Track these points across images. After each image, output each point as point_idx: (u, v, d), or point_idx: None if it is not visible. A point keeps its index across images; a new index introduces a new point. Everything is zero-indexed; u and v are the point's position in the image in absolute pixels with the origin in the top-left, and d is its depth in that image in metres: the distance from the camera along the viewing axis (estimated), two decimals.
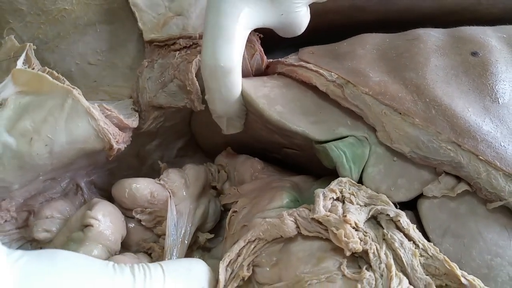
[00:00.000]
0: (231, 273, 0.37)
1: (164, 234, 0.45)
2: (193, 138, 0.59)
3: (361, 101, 0.40)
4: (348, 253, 0.34)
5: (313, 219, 0.36)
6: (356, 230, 0.35)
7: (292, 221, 0.37)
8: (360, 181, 0.40)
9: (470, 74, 0.42)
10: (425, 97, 0.39)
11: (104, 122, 0.41)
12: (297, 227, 0.37)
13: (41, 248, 0.46)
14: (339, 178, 0.39)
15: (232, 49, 0.41)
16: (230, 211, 0.45)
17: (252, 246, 0.38)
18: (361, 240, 0.34)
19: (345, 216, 0.35)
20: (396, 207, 0.38)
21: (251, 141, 0.52)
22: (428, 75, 0.41)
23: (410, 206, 0.41)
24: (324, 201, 0.37)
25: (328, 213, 0.35)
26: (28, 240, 0.47)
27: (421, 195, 0.40)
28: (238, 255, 0.37)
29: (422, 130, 0.38)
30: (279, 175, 0.49)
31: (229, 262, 0.37)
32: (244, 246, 0.37)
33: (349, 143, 0.40)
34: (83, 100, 0.41)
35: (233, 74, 0.42)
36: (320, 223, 0.36)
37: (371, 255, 0.34)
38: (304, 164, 0.50)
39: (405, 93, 0.40)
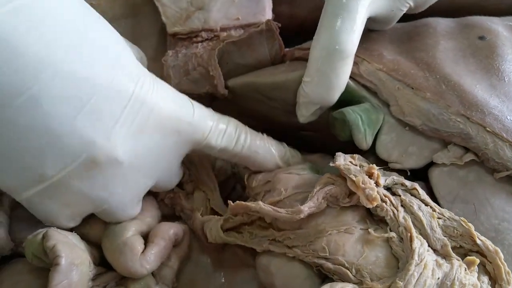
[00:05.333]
0: None
1: None
2: None
3: (376, 77, 0.43)
4: (365, 202, 0.35)
5: (332, 167, 0.37)
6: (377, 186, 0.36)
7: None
8: (373, 148, 0.42)
9: (477, 56, 0.45)
10: (435, 73, 0.42)
11: None
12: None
13: None
14: (357, 155, 0.41)
15: (354, 33, 0.38)
16: (246, 174, 0.45)
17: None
18: (381, 200, 0.36)
19: (369, 164, 0.37)
20: (407, 173, 0.41)
21: (269, 128, 0.54)
22: (438, 55, 0.44)
23: (420, 179, 0.43)
24: (345, 161, 0.38)
25: (349, 163, 0.37)
26: None
27: (431, 165, 0.42)
28: None
29: (433, 104, 0.41)
30: None
31: None
32: None
33: (365, 108, 0.42)
34: None
35: (349, 61, 0.39)
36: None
37: (388, 220, 0.36)
38: (320, 147, 0.52)
39: (417, 70, 0.43)
